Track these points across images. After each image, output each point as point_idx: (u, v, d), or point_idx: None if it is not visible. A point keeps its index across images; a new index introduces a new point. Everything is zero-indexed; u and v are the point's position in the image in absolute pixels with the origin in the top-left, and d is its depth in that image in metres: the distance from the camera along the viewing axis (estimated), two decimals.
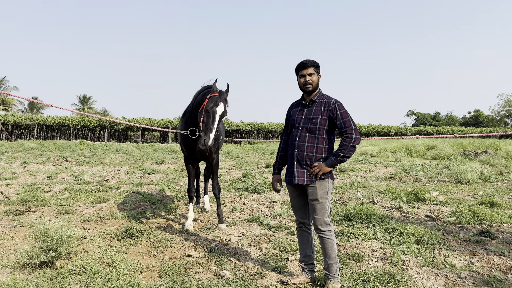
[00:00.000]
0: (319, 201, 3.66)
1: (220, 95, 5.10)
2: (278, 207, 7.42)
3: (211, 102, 5.03)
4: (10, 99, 63.41)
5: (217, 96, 5.07)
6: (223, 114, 5.07)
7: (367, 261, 4.45)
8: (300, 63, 3.77)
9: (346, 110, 3.69)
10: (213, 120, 4.98)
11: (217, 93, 5.10)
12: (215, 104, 5.01)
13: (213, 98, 5.06)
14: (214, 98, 5.05)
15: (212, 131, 4.94)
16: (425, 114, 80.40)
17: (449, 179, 11.27)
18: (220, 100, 5.05)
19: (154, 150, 24.95)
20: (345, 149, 3.58)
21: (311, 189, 3.69)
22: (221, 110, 5.04)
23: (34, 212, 6.66)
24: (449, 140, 33.68)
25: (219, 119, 5.04)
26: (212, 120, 4.98)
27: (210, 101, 5.05)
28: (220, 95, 5.10)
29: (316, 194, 3.66)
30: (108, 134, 47.93)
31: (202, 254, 4.67)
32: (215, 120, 4.99)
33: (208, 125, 4.97)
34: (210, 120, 4.98)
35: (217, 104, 5.02)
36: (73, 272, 3.91)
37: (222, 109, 5.05)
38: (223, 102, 5.08)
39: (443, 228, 5.80)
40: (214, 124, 4.98)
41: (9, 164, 14.27)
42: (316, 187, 3.66)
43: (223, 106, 5.07)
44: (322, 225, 3.68)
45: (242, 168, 14.58)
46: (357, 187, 9.73)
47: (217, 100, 5.03)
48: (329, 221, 3.72)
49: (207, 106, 5.05)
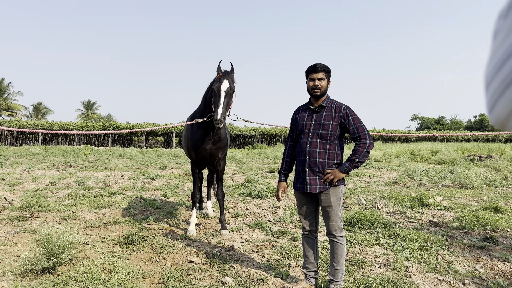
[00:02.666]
0: (332, 208, 3.63)
1: (224, 74, 5.29)
2: (281, 213, 7.40)
3: (215, 82, 5.26)
4: (15, 104, 63.76)
5: (221, 75, 5.27)
6: (228, 90, 5.20)
7: (370, 267, 4.42)
8: (311, 66, 3.71)
9: (357, 115, 3.66)
10: (219, 97, 5.12)
11: (221, 73, 5.31)
12: (219, 82, 5.21)
13: (217, 77, 5.29)
14: (218, 77, 5.27)
15: (219, 107, 5.06)
16: (430, 119, 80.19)
17: (453, 184, 11.22)
18: (224, 78, 5.23)
19: (158, 155, 24.99)
20: (359, 154, 3.55)
21: (324, 196, 3.65)
22: (226, 86, 5.19)
23: (37, 218, 6.67)
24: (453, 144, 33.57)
25: (225, 95, 5.16)
26: (218, 97, 5.13)
27: (215, 81, 5.28)
28: (223, 74, 5.29)
29: (330, 201, 3.63)
30: (112, 139, 48.06)
31: (204, 260, 4.66)
32: (221, 97, 5.12)
33: (216, 103, 5.12)
34: (217, 98, 5.13)
35: (221, 81, 5.20)
36: (75, 278, 3.91)
37: (227, 86, 5.20)
38: (227, 79, 5.24)
39: (447, 234, 5.76)
40: (221, 100, 5.10)
41: (14, 169, 14.32)
42: (330, 194, 3.63)
43: (228, 82, 5.23)
44: (337, 230, 3.67)
45: (245, 173, 14.57)
46: (361, 192, 9.69)
47: (220, 78, 5.23)
48: (342, 226, 3.71)
49: (213, 85, 5.27)
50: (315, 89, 3.68)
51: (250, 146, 44.69)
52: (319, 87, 3.66)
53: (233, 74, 5.42)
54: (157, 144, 53.71)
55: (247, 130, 50.04)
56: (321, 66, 3.68)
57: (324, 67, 3.69)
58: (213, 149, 5.85)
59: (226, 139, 6.07)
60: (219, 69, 5.37)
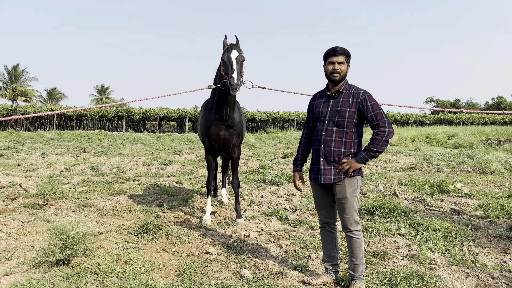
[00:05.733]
0: (348, 200, 3.44)
1: (231, 45, 5.29)
2: (297, 200, 7.25)
3: (224, 53, 5.24)
4: (31, 90, 64.29)
5: (228, 47, 5.27)
6: (238, 58, 5.18)
7: (392, 259, 4.26)
8: (331, 49, 3.49)
9: (376, 101, 3.44)
10: (231, 65, 5.09)
11: (227, 45, 5.31)
12: (227, 52, 5.20)
13: (225, 49, 5.28)
14: (226, 49, 5.26)
15: (234, 72, 5.00)
16: (445, 101, 78.74)
17: (472, 169, 10.91)
18: (232, 48, 5.22)
19: (171, 140, 24.99)
20: (377, 143, 3.34)
21: (339, 187, 3.46)
22: (236, 54, 5.18)
23: (51, 205, 6.63)
24: (470, 127, 32.94)
25: (236, 62, 5.11)
26: (230, 66, 5.10)
27: (223, 52, 5.26)
28: (230, 45, 5.29)
29: (345, 192, 3.44)
30: (126, 124, 48.27)
31: (221, 251, 4.54)
32: (233, 64, 5.09)
33: (228, 72, 5.08)
34: (229, 67, 5.10)
35: (230, 51, 5.19)
36: (89, 270, 3.82)
37: (237, 54, 5.18)
38: (235, 49, 5.23)
39: (471, 223, 5.55)
40: (234, 66, 5.06)
41: (29, 155, 14.40)
42: (345, 185, 3.43)
43: (236, 51, 5.21)
44: (352, 224, 3.48)
45: (259, 158, 14.43)
46: (378, 178, 9.48)
47: (228, 49, 5.23)
48: (358, 220, 3.51)
49: (222, 56, 5.23)
50: (334, 73, 3.46)
51: (263, 130, 44.52)
52: (339, 71, 3.45)
53: (239, 45, 5.39)
54: (170, 128, 53.84)
55: (259, 114, 49.80)
56: (341, 49, 3.46)
57: (344, 51, 3.47)
58: (227, 135, 5.69)
59: (241, 124, 5.88)
60: (225, 43, 5.37)
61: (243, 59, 5.25)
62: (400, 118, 53.44)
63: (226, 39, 5.40)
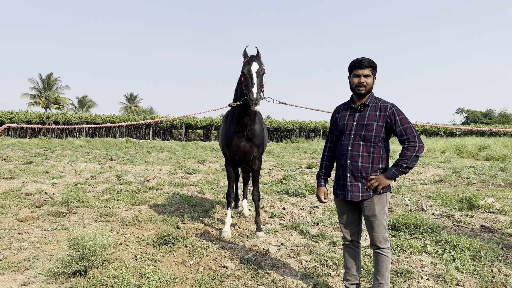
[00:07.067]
0: (377, 217, 3.29)
1: (252, 57, 5.18)
2: (319, 213, 7.09)
3: (244, 65, 5.13)
4: (63, 98, 66.23)
5: (248, 59, 5.17)
6: (258, 71, 5.06)
7: (417, 279, 4.07)
8: (356, 61, 3.34)
9: (405, 115, 3.29)
10: (251, 78, 4.99)
11: (248, 57, 5.22)
12: (248, 64, 5.09)
13: (245, 61, 5.17)
14: (246, 61, 5.17)
15: (254, 86, 4.90)
16: (476, 112, 76.55)
17: (505, 183, 10.47)
18: (252, 61, 5.11)
19: (196, 148, 25.15)
20: (407, 158, 3.19)
21: (368, 205, 3.31)
22: (256, 67, 5.06)
23: (74, 214, 6.70)
24: (503, 139, 31.89)
25: (256, 76, 5.01)
26: (250, 79, 4.99)
27: (244, 65, 5.15)
28: (251, 57, 5.18)
29: (374, 210, 3.29)
30: (153, 132, 49.00)
31: (239, 266, 4.45)
32: (253, 78, 4.98)
33: (248, 86, 4.98)
34: (249, 80, 5.00)
35: (250, 63, 5.08)
36: (105, 283, 3.79)
37: (257, 67, 5.07)
38: (255, 61, 5.12)
39: (502, 242, 5.28)
40: (254, 80, 4.96)
41: (58, 162, 14.73)
42: (374, 202, 3.29)
43: (257, 64, 5.09)
44: (381, 242, 3.33)
45: (283, 168, 14.30)
46: (405, 191, 9.21)
47: (249, 61, 5.13)
48: (387, 237, 3.36)
49: (243, 69, 5.12)
50: (360, 86, 3.32)
51: (288, 139, 44.32)
52: (365, 84, 3.30)
53: (260, 57, 5.30)
54: (196, 137, 54.35)
55: (285, 123, 49.62)
56: (367, 61, 3.31)
57: (371, 63, 3.32)
58: (247, 147, 5.62)
59: (262, 136, 5.80)
60: (246, 54, 5.28)
61: (264, 72, 5.15)
62: (429, 129, 52.25)
63: (246, 51, 5.33)
